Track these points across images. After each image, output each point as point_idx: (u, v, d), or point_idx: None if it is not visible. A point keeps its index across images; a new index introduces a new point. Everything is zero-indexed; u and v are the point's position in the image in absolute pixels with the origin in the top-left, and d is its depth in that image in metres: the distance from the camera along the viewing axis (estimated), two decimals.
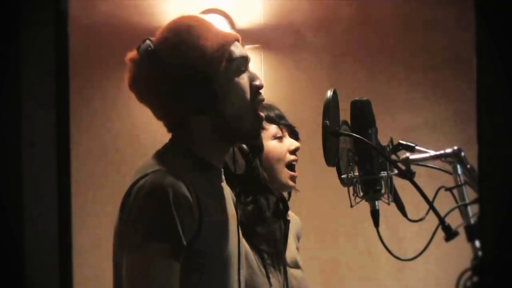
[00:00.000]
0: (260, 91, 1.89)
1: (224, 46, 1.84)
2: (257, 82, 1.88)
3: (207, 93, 1.82)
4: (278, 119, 2.42)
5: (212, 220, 1.81)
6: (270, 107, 2.44)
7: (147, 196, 1.75)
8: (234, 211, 1.93)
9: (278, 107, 2.47)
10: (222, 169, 1.94)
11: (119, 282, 1.79)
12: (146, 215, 1.74)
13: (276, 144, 2.40)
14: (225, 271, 1.84)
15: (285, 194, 2.50)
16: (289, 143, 2.42)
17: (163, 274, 1.73)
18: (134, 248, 1.74)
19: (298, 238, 2.56)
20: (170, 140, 1.91)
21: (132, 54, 1.86)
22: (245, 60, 1.88)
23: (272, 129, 2.41)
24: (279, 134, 2.41)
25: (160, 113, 1.88)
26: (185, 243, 1.74)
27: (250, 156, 2.03)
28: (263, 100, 1.90)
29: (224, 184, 1.94)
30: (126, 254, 1.75)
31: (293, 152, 2.42)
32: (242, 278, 1.91)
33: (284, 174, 2.40)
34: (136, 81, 1.85)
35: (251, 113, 1.86)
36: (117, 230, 1.81)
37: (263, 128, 2.36)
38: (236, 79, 1.85)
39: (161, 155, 1.86)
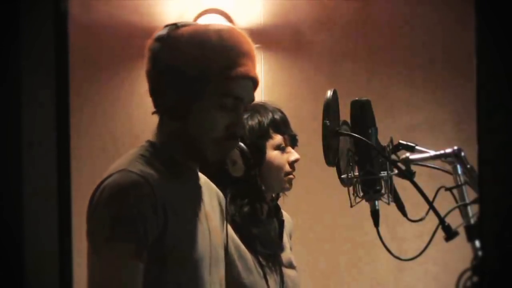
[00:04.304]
0: (236, 140, 1.85)
1: (235, 75, 1.81)
2: (235, 129, 1.83)
3: (186, 103, 1.80)
4: (284, 129, 2.43)
5: (179, 220, 1.80)
6: (276, 111, 2.43)
7: (109, 196, 1.75)
8: (210, 211, 1.92)
9: (282, 110, 2.46)
10: (197, 170, 1.92)
11: None
12: (108, 215, 1.74)
13: (278, 154, 2.41)
14: (195, 271, 1.83)
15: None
16: (290, 154, 2.43)
17: (125, 274, 1.73)
18: (97, 248, 1.74)
19: (290, 237, 2.57)
20: (148, 139, 1.90)
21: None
22: (239, 100, 1.83)
23: (278, 139, 2.41)
24: (283, 145, 2.42)
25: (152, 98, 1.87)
26: (148, 243, 1.74)
27: (251, 163, 2.02)
28: (233, 147, 1.87)
29: (202, 184, 1.93)
30: (90, 254, 1.75)
31: (292, 163, 2.42)
32: (215, 279, 1.89)
33: (282, 181, 2.42)
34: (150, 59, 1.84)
35: (215, 146, 1.82)
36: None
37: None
38: (215, 112, 1.81)
39: (132, 154, 1.85)
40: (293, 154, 2.43)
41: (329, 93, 1.91)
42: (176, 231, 1.78)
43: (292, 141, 2.46)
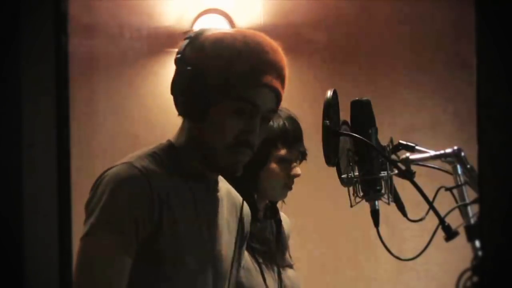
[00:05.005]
0: (248, 148, 1.81)
1: (257, 87, 1.79)
2: (248, 137, 1.80)
3: (203, 105, 1.79)
4: (293, 143, 2.36)
5: (177, 222, 1.78)
6: (289, 121, 2.36)
7: (106, 186, 1.75)
8: (223, 225, 1.89)
9: (298, 121, 2.39)
10: (217, 179, 1.90)
11: None
12: (102, 204, 1.73)
13: (277, 168, 2.35)
14: (191, 279, 1.81)
15: None
16: (292, 168, 2.37)
17: (108, 265, 1.72)
18: (87, 234, 1.74)
19: (288, 237, 2.55)
20: (169, 139, 1.89)
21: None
22: (256, 108, 1.80)
23: (282, 152, 2.35)
24: (287, 158, 2.35)
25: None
26: (138, 239, 1.73)
27: (250, 165, 1.99)
28: (246, 155, 1.82)
29: (223, 195, 1.91)
30: (81, 238, 1.74)
31: (292, 177, 2.37)
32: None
33: (277, 193, 2.39)
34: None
35: (226, 152, 1.80)
36: None
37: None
38: (230, 117, 1.79)
39: (145, 150, 1.84)
40: (295, 170, 2.37)
41: (329, 93, 1.90)
42: (171, 233, 1.77)
43: (300, 155, 2.39)
